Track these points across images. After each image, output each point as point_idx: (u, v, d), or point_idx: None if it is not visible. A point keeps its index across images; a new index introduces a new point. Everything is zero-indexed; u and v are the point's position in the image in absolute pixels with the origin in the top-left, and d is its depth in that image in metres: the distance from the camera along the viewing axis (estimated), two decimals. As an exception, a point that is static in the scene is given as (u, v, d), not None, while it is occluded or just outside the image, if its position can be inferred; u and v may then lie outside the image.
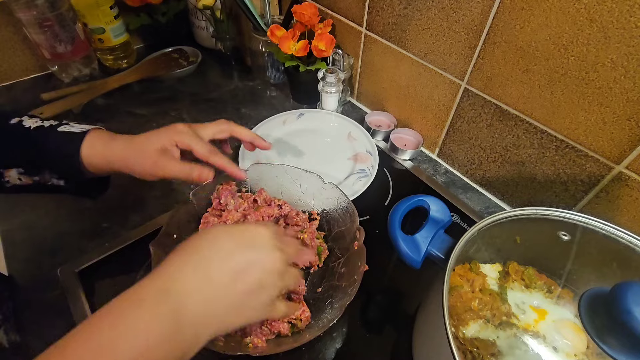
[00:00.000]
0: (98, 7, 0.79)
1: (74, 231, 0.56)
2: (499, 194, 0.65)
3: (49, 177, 0.41)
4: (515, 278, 0.37)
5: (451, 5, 0.55)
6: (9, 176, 0.40)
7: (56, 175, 0.41)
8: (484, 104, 0.59)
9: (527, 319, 0.34)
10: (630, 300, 0.28)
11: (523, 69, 0.51)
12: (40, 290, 0.49)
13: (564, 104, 0.49)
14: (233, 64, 0.95)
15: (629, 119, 0.44)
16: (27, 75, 0.86)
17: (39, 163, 0.40)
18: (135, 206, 0.60)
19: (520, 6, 0.48)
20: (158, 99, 0.83)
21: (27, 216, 0.58)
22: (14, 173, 0.40)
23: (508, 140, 0.58)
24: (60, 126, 0.41)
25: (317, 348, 0.46)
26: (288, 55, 0.74)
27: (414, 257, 0.39)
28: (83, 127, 0.41)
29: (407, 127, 0.75)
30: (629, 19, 0.40)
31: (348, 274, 0.45)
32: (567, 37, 0.45)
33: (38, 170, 0.40)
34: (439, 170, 0.71)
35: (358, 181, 0.64)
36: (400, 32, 0.66)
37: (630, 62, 0.41)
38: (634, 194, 0.47)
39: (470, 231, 0.37)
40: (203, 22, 0.94)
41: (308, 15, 0.71)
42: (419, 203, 0.44)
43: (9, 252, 0.53)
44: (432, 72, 0.64)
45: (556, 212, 0.39)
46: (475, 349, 0.32)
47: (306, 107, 0.81)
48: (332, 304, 0.43)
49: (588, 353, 0.30)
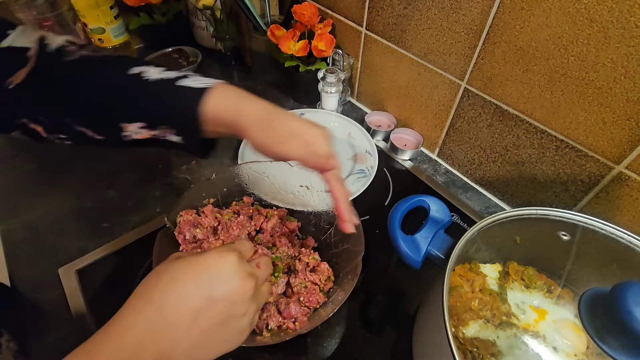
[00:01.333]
0: (98, 7, 0.79)
1: (74, 231, 0.56)
2: (499, 194, 0.65)
3: (167, 132, 0.38)
4: (515, 278, 0.37)
5: (451, 5, 0.55)
6: (129, 130, 0.38)
7: (174, 130, 0.38)
8: (484, 104, 0.59)
9: (527, 319, 0.34)
10: (630, 300, 0.28)
11: (523, 69, 0.51)
12: (40, 290, 0.49)
13: (564, 104, 0.49)
14: (233, 64, 0.95)
15: (629, 119, 0.44)
16: (27, 75, 0.86)
17: (158, 119, 0.38)
18: (135, 206, 0.60)
19: (520, 6, 0.48)
20: (158, 99, 0.83)
21: (27, 216, 0.58)
22: (134, 127, 0.37)
23: (508, 140, 0.58)
24: (182, 79, 0.38)
25: (317, 348, 0.46)
26: (288, 55, 0.74)
27: (414, 257, 0.39)
28: (205, 82, 0.38)
29: (407, 127, 0.75)
30: (629, 19, 0.40)
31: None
32: (567, 37, 0.45)
33: (157, 125, 0.38)
34: (439, 170, 0.71)
35: (357, 181, 0.64)
36: (400, 32, 0.66)
37: (630, 62, 0.41)
38: (634, 194, 0.47)
39: (470, 231, 0.37)
40: (203, 22, 0.93)
41: (308, 15, 0.71)
42: (419, 203, 0.44)
43: (9, 252, 0.53)
44: (432, 72, 0.64)
45: (556, 212, 0.39)
46: (475, 349, 0.32)
47: (306, 107, 0.81)
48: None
49: (588, 353, 0.30)
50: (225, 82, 0.38)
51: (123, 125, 0.37)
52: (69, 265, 0.51)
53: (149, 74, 0.37)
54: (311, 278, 0.46)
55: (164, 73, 0.38)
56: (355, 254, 0.44)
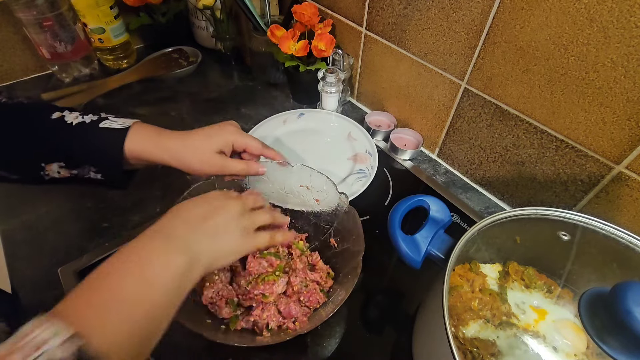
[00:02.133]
0: (98, 7, 0.79)
1: (74, 231, 0.56)
2: (499, 194, 0.65)
3: (87, 170, 0.42)
4: (515, 278, 0.37)
5: (451, 5, 0.55)
6: (50, 170, 0.41)
7: (95, 169, 0.42)
8: (484, 104, 0.59)
9: (527, 319, 0.34)
10: (630, 300, 0.28)
11: (523, 69, 0.51)
12: (40, 290, 0.49)
13: (564, 104, 0.49)
14: (233, 64, 0.95)
15: (629, 119, 0.44)
16: (27, 75, 0.86)
17: (81, 158, 0.42)
18: (135, 206, 0.60)
19: (520, 6, 0.48)
20: (158, 99, 0.83)
21: (27, 216, 0.58)
22: (55, 167, 0.41)
23: (508, 140, 0.58)
24: (102, 122, 0.42)
25: (317, 348, 0.46)
26: (288, 55, 0.74)
27: (414, 257, 0.39)
28: (124, 123, 0.43)
29: (407, 127, 0.75)
30: (629, 18, 0.40)
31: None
32: (567, 37, 0.45)
33: (78, 164, 0.42)
34: (439, 170, 0.71)
35: (357, 181, 0.64)
36: (400, 32, 0.66)
37: (630, 62, 0.41)
38: (634, 194, 0.47)
39: (470, 231, 0.37)
40: (203, 22, 0.94)
41: (308, 15, 0.71)
42: (419, 203, 0.44)
43: (9, 252, 0.53)
44: (432, 72, 0.64)
45: (556, 212, 0.39)
46: (475, 349, 0.32)
47: (306, 107, 0.81)
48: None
49: (588, 353, 0.30)
50: (140, 121, 0.45)
51: (44, 166, 0.41)
52: (68, 265, 0.51)
53: (69, 118, 0.41)
54: (312, 277, 0.46)
55: (84, 117, 0.42)
56: (355, 254, 0.44)
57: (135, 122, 0.44)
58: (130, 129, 0.42)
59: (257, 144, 0.48)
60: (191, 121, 0.78)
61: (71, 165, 0.41)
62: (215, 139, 0.46)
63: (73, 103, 0.75)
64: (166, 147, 0.44)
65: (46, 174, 0.41)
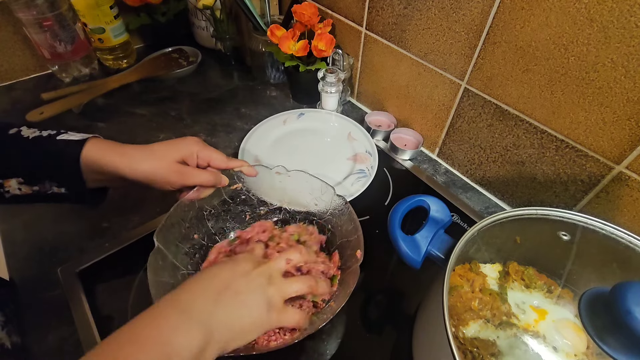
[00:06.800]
0: (98, 7, 0.79)
1: (74, 231, 0.56)
2: (499, 194, 0.65)
3: (49, 185, 0.41)
4: (515, 278, 0.37)
5: (451, 5, 0.55)
6: (9, 186, 0.40)
7: (56, 183, 0.41)
8: (484, 103, 0.59)
9: (527, 319, 0.34)
10: (630, 300, 0.28)
11: (523, 69, 0.51)
12: (40, 290, 0.49)
13: (564, 104, 0.49)
14: (233, 64, 0.95)
15: (629, 119, 0.44)
16: (27, 75, 0.86)
17: (39, 172, 0.40)
18: (135, 206, 0.60)
19: (520, 6, 0.48)
20: (158, 99, 0.83)
21: (27, 216, 0.58)
22: (14, 183, 0.40)
23: (508, 140, 0.58)
24: (59, 135, 0.42)
25: (317, 348, 0.46)
26: (288, 55, 0.74)
27: (414, 257, 0.39)
28: (82, 135, 0.42)
29: (407, 127, 0.75)
30: (629, 18, 0.40)
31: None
32: (567, 37, 0.45)
33: (38, 179, 0.41)
34: (439, 170, 0.71)
35: (357, 181, 0.64)
36: (400, 32, 0.66)
37: (630, 62, 0.41)
38: (634, 194, 0.47)
39: (470, 231, 0.37)
40: (203, 22, 0.94)
41: (308, 15, 0.71)
42: (419, 203, 0.44)
43: (9, 252, 0.53)
44: (432, 72, 0.64)
45: (556, 212, 0.39)
46: (475, 349, 0.32)
47: (306, 107, 0.81)
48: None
49: (588, 353, 0.30)
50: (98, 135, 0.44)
51: (2, 182, 0.40)
52: (68, 265, 0.51)
53: (26, 133, 0.41)
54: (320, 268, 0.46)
55: (42, 132, 0.41)
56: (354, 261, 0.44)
57: (94, 135, 0.43)
58: (89, 140, 0.41)
59: (221, 156, 0.47)
60: (191, 121, 0.78)
61: (31, 181, 0.40)
62: (178, 146, 0.44)
63: (73, 103, 0.75)
64: (125, 152, 0.42)
65: (6, 191, 0.40)
